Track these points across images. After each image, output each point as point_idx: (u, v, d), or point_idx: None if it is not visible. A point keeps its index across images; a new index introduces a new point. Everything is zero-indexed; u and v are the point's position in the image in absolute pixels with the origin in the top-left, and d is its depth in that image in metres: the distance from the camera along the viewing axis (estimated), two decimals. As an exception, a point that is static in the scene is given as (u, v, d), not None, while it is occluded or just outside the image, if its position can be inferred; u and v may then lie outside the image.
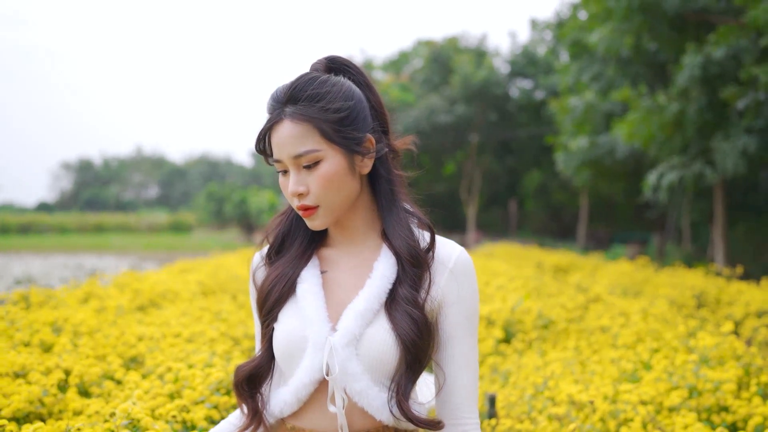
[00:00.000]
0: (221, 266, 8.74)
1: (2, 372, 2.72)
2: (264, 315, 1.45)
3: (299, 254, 1.47)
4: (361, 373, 1.34)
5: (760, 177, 15.45)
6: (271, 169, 12.02)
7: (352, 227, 1.46)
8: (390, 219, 1.44)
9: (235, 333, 4.04)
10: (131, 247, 33.41)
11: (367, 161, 1.41)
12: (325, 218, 1.39)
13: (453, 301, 1.41)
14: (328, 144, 1.35)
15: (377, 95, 1.45)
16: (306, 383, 1.36)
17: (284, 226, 1.50)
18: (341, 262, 1.47)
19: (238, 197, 37.87)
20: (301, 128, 1.34)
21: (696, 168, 10.51)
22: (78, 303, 4.68)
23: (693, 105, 10.19)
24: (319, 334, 1.35)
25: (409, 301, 1.37)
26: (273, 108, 1.38)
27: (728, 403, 3.12)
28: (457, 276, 1.42)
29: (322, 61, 1.45)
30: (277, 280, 1.44)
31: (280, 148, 1.36)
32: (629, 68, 13.58)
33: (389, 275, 1.39)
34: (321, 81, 1.37)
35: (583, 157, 14.70)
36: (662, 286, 8.03)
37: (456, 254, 1.43)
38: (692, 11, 11.33)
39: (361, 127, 1.38)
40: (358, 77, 1.44)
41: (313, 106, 1.34)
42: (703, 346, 3.64)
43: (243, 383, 1.43)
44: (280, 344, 1.40)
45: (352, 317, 1.36)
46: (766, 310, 6.08)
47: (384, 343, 1.35)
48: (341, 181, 1.37)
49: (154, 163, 77.75)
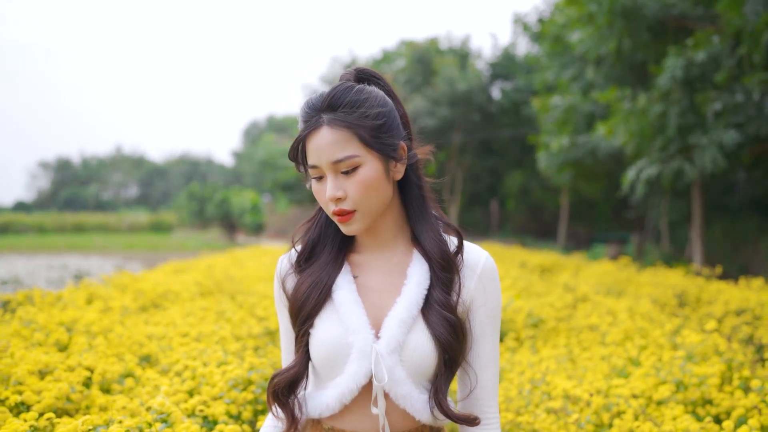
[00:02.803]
0: (213, 266, 8.84)
1: (29, 370, 2.83)
2: (301, 322, 1.47)
3: (331, 260, 1.50)
4: (405, 378, 1.40)
5: (737, 178, 15.81)
6: (252, 168, 12.36)
7: (383, 232, 1.50)
8: (421, 224, 1.49)
9: (239, 332, 4.18)
10: (112, 247, 33.21)
11: (399, 167, 1.45)
12: (360, 223, 1.43)
13: (480, 304, 1.48)
14: (366, 150, 1.39)
15: (402, 106, 1.50)
16: (352, 389, 1.40)
17: (314, 232, 1.53)
18: (372, 267, 1.50)
19: (220, 197, 37.79)
20: (341, 134, 1.38)
21: (675, 164, 10.70)
22: (84, 304, 4.79)
23: (674, 107, 10.42)
24: (365, 341, 1.39)
25: (444, 305, 1.42)
26: (309, 116, 1.42)
27: (712, 396, 3.30)
28: (484, 280, 1.48)
29: (352, 72, 1.49)
30: (312, 287, 1.47)
31: (319, 154, 1.39)
32: (610, 71, 13.82)
33: (424, 281, 1.44)
34: (358, 89, 1.41)
35: (565, 156, 14.89)
36: (644, 286, 8.26)
37: (483, 259, 1.49)
38: (671, 17, 11.61)
39: (395, 134, 1.44)
40: (387, 87, 1.49)
41: (352, 113, 1.39)
42: (689, 343, 3.83)
43: (284, 390, 1.46)
44: (321, 350, 1.44)
45: (396, 325, 1.40)
46: (745, 308, 6.31)
47: (425, 348, 1.40)
48: (378, 186, 1.41)
49: (134, 163, 77.18)
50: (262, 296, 5.79)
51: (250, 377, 2.98)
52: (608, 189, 17.58)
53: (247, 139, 69.47)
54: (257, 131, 68.08)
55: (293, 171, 10.60)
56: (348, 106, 1.39)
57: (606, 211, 25.13)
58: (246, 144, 68.94)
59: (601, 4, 11.36)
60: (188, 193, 41.25)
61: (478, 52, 28.19)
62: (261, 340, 4.25)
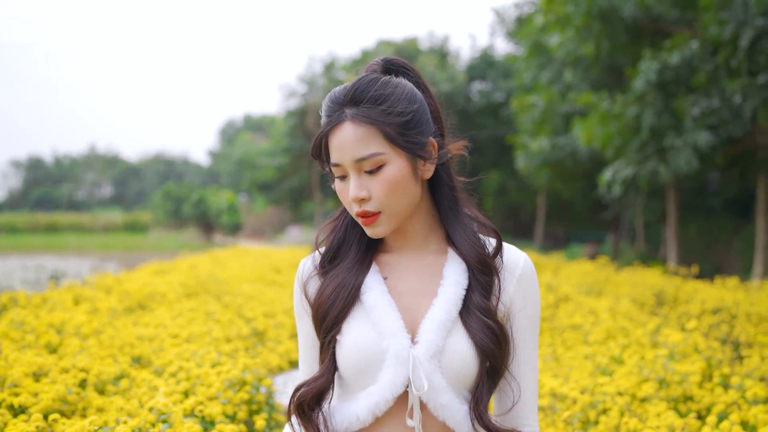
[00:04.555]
0: (196, 267, 8.82)
1: (23, 372, 2.84)
2: (326, 329, 1.35)
3: (358, 261, 1.39)
4: (445, 387, 1.29)
5: (711, 178, 16.10)
6: (229, 168, 12.31)
7: (413, 233, 1.40)
8: (455, 225, 1.39)
9: (229, 333, 4.20)
10: (88, 247, 32.85)
11: (429, 166, 1.35)
12: (386, 225, 1.33)
13: (519, 308, 1.37)
14: (391, 147, 1.29)
15: (434, 99, 1.40)
16: (387, 399, 1.28)
17: (338, 232, 1.42)
18: (402, 267, 1.39)
19: (197, 197, 37.55)
20: (364, 131, 1.28)
21: (650, 166, 10.86)
22: (71, 306, 4.78)
23: (650, 109, 10.59)
24: (401, 346, 1.28)
25: (484, 310, 1.32)
26: (332, 110, 1.32)
27: (693, 393, 3.40)
28: (524, 283, 1.38)
29: (379, 63, 1.38)
30: (338, 289, 1.35)
31: (341, 152, 1.30)
32: (588, 73, 13.98)
33: (462, 281, 1.34)
34: (383, 82, 1.31)
35: (545, 157, 15.02)
36: (623, 285, 8.42)
37: (522, 261, 1.39)
38: (648, 19, 11.79)
39: (424, 130, 1.33)
40: (417, 79, 1.38)
41: (376, 108, 1.29)
42: (672, 341, 3.94)
43: (311, 403, 1.34)
44: (351, 358, 1.32)
45: (434, 328, 1.29)
46: (721, 307, 6.46)
47: (465, 354, 1.30)
48: (405, 186, 1.31)
49: (108, 162, 76.33)
50: (249, 297, 5.81)
51: (245, 378, 3.01)
52: (585, 189, 17.78)
53: (224, 139, 69.08)
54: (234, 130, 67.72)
55: (271, 170, 10.81)
56: (372, 100, 1.29)
57: (582, 212, 25.41)
58: (222, 143, 68.56)
59: (579, 5, 11.50)
60: (164, 193, 40.93)
61: (457, 53, 28.36)
62: (250, 341, 4.28)
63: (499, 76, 26.88)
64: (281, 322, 4.95)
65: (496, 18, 23.05)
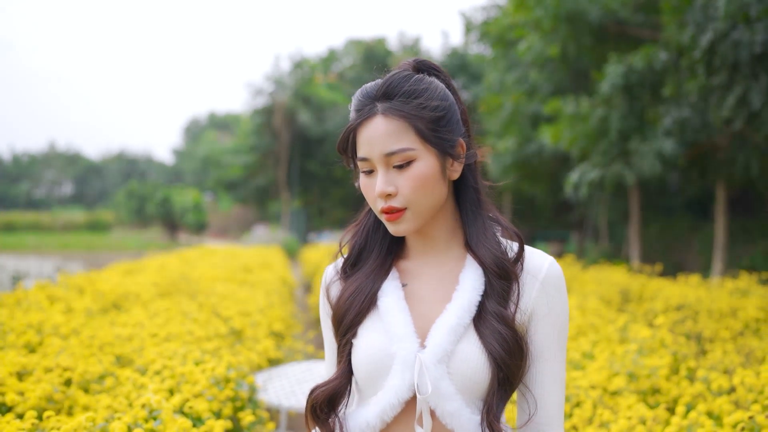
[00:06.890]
0: (165, 267, 8.78)
1: (8, 372, 2.84)
2: (343, 332, 1.36)
3: (377, 266, 1.39)
4: (453, 393, 1.25)
5: (671, 179, 16.50)
6: (193, 167, 12.29)
7: (434, 236, 1.38)
8: (474, 229, 1.36)
9: (207, 332, 4.23)
10: (47, 246, 32.28)
11: (457, 166, 1.34)
12: (411, 223, 1.31)
13: (543, 314, 1.32)
14: (422, 143, 1.28)
15: (462, 102, 1.39)
16: (394, 404, 1.27)
17: (360, 237, 1.42)
18: (422, 274, 1.38)
19: (161, 196, 37.15)
20: (396, 125, 1.27)
21: (616, 169, 11.10)
22: (48, 306, 4.75)
23: (616, 112, 10.82)
24: (408, 350, 1.27)
25: (498, 317, 1.28)
26: (363, 104, 1.31)
27: (661, 386, 3.54)
28: (548, 288, 1.33)
29: (410, 62, 1.37)
30: (356, 293, 1.36)
31: (371, 146, 1.28)
32: (553, 75, 14.20)
33: (477, 287, 1.31)
34: (417, 78, 1.31)
35: (513, 157, 15.21)
36: (589, 283, 8.60)
37: (547, 265, 1.34)
38: (613, 22, 12.05)
39: (455, 129, 1.33)
40: (447, 81, 1.38)
41: (409, 103, 1.28)
42: (641, 337, 4.08)
43: (323, 406, 1.33)
44: (363, 361, 1.32)
45: (444, 332, 1.27)
46: (684, 303, 6.67)
47: (476, 361, 1.26)
48: (433, 184, 1.30)
49: (69, 159, 74.97)
50: (223, 297, 5.83)
51: (229, 375, 3.05)
52: (551, 189, 18.05)
53: (188, 137, 68.38)
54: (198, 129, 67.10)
55: (236, 169, 10.86)
56: (405, 95, 1.28)
57: (547, 211, 25.78)
58: (187, 141, 67.84)
59: (547, 9, 11.70)
60: (127, 192, 40.45)
61: (428, 54, 28.55)
62: (228, 340, 4.31)
63: (470, 80, 27.09)
64: (257, 321, 4.99)
65: (464, 21, 23.26)
